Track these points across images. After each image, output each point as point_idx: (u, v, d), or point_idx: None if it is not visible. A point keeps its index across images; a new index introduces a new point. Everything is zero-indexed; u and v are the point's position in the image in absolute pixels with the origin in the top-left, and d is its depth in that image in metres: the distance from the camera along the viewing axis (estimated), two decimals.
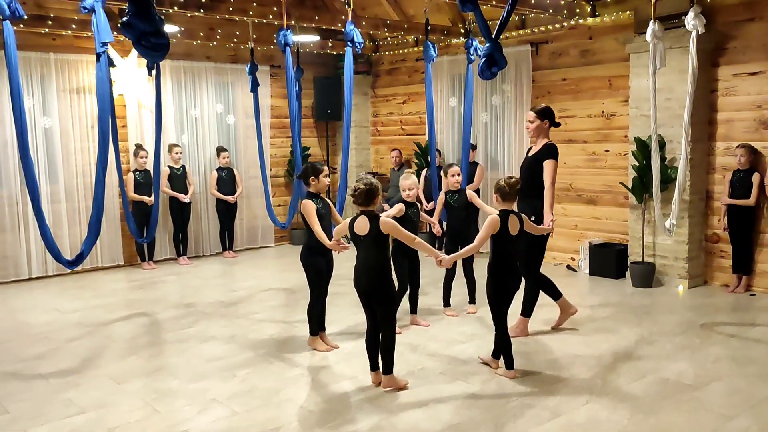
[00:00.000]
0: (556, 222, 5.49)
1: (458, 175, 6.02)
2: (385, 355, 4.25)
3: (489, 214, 4.63)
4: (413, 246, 4.42)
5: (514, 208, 4.54)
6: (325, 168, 4.97)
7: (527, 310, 5.37)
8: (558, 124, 5.49)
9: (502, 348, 4.49)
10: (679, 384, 4.29)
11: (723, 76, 6.70)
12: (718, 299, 6.42)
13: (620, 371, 4.54)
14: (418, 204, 5.92)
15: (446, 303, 6.14)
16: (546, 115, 5.34)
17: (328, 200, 5.04)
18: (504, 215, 4.44)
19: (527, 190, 5.15)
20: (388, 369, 4.26)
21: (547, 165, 5.18)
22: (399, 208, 5.66)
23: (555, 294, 5.44)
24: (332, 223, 4.93)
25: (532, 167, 5.29)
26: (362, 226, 4.17)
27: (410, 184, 5.65)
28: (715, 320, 5.72)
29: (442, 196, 6.10)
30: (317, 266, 4.95)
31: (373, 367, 4.33)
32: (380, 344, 4.26)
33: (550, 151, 5.25)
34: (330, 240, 4.67)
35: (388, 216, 5.53)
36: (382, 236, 4.18)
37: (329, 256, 4.97)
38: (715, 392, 4.15)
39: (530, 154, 5.40)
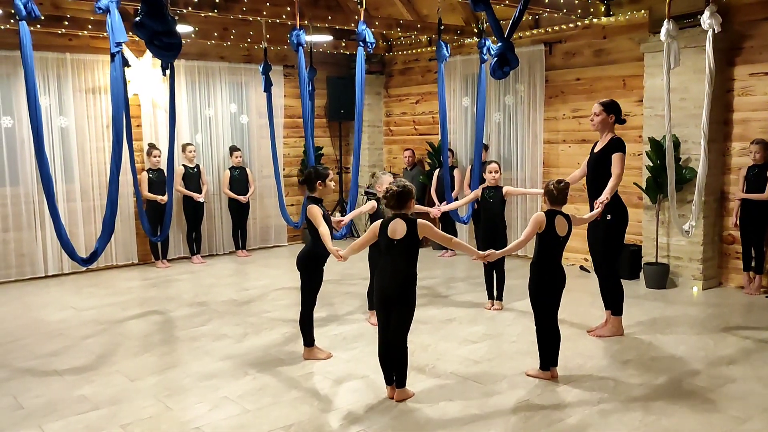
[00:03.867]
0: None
1: (495, 172, 6.07)
2: (399, 368, 4.10)
3: (537, 194, 4.47)
4: (451, 246, 4.33)
5: (563, 209, 4.45)
6: (331, 172, 4.85)
7: (618, 309, 5.29)
8: (623, 121, 5.36)
9: (549, 346, 4.40)
10: (693, 386, 4.25)
11: (739, 75, 6.63)
12: (733, 301, 6.35)
13: (633, 372, 4.51)
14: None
15: (490, 296, 6.19)
16: (612, 110, 5.24)
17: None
18: (551, 215, 4.37)
19: (596, 187, 5.13)
20: (402, 382, 4.11)
21: (615, 157, 5.08)
22: (371, 205, 5.68)
23: (617, 308, 5.32)
24: (332, 230, 4.87)
25: (599, 162, 5.19)
26: (398, 229, 3.97)
27: (390, 179, 5.71)
28: (730, 322, 5.66)
29: (478, 191, 6.20)
30: (318, 274, 4.83)
31: (389, 381, 4.14)
32: (393, 357, 4.08)
33: (618, 144, 5.14)
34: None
35: (360, 213, 5.59)
36: (417, 241, 4.01)
37: (324, 266, 4.87)
38: (729, 395, 4.11)
39: (596, 150, 5.30)
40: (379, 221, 4.13)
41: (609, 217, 5.13)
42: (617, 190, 5.17)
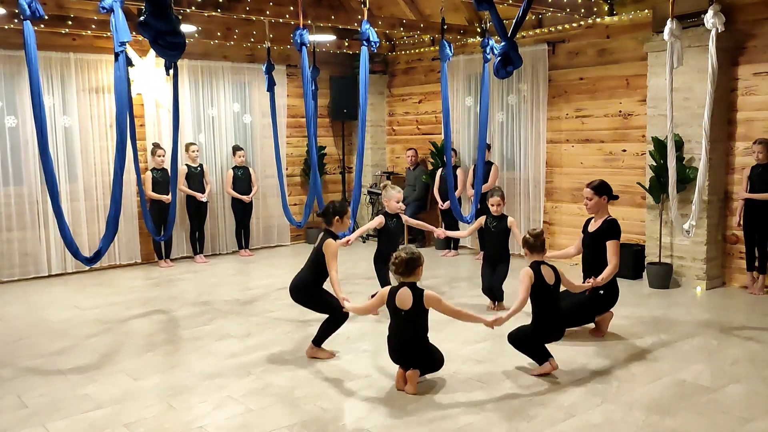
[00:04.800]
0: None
1: (498, 205, 6.02)
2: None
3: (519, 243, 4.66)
4: (459, 319, 4.31)
5: (544, 259, 4.55)
6: (349, 209, 4.92)
7: (590, 320, 5.32)
8: (616, 197, 5.40)
9: (528, 349, 4.49)
10: (696, 386, 4.25)
11: (743, 75, 6.62)
12: (737, 301, 6.34)
13: (636, 372, 4.51)
14: (400, 216, 6.14)
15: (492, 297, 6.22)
16: (604, 191, 5.28)
17: None
18: (536, 266, 4.47)
19: (591, 267, 5.20)
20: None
21: (611, 246, 5.12)
22: (379, 220, 5.73)
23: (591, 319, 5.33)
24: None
25: (593, 244, 5.24)
26: (404, 299, 4.10)
27: (398, 195, 5.78)
28: (733, 322, 5.66)
29: (482, 220, 6.17)
30: (323, 294, 4.86)
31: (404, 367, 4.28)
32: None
33: (612, 230, 5.17)
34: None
35: (368, 229, 5.57)
36: (424, 311, 4.13)
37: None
38: (733, 394, 4.11)
39: (590, 230, 5.34)
40: (388, 288, 4.23)
41: (602, 292, 5.20)
42: (614, 277, 5.22)
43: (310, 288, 4.85)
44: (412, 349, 4.19)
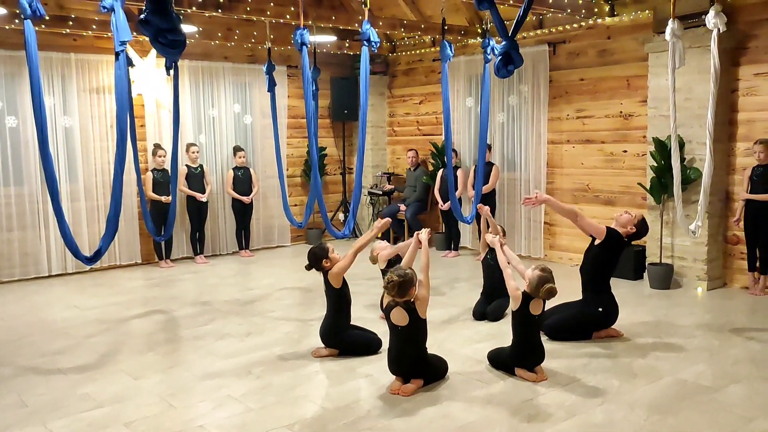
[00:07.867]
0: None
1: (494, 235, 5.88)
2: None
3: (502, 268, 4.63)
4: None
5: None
6: (330, 246, 4.97)
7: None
8: (637, 237, 5.48)
9: (508, 370, 4.49)
10: (698, 385, 4.24)
11: (744, 75, 6.61)
12: (738, 301, 6.34)
13: (637, 372, 4.50)
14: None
15: None
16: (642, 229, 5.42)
17: None
18: (527, 296, 4.36)
19: (590, 276, 5.21)
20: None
21: (599, 225, 5.25)
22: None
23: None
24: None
25: (599, 253, 5.25)
26: (400, 317, 4.16)
27: (382, 245, 5.84)
28: (735, 322, 5.65)
29: (482, 255, 6.01)
30: (356, 337, 4.94)
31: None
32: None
33: (612, 237, 5.23)
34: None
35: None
36: (422, 322, 4.20)
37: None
38: (734, 394, 4.10)
39: (596, 242, 5.33)
40: (386, 304, 4.26)
41: (600, 309, 5.20)
42: (613, 295, 5.27)
43: (338, 331, 4.90)
44: (413, 362, 4.21)
